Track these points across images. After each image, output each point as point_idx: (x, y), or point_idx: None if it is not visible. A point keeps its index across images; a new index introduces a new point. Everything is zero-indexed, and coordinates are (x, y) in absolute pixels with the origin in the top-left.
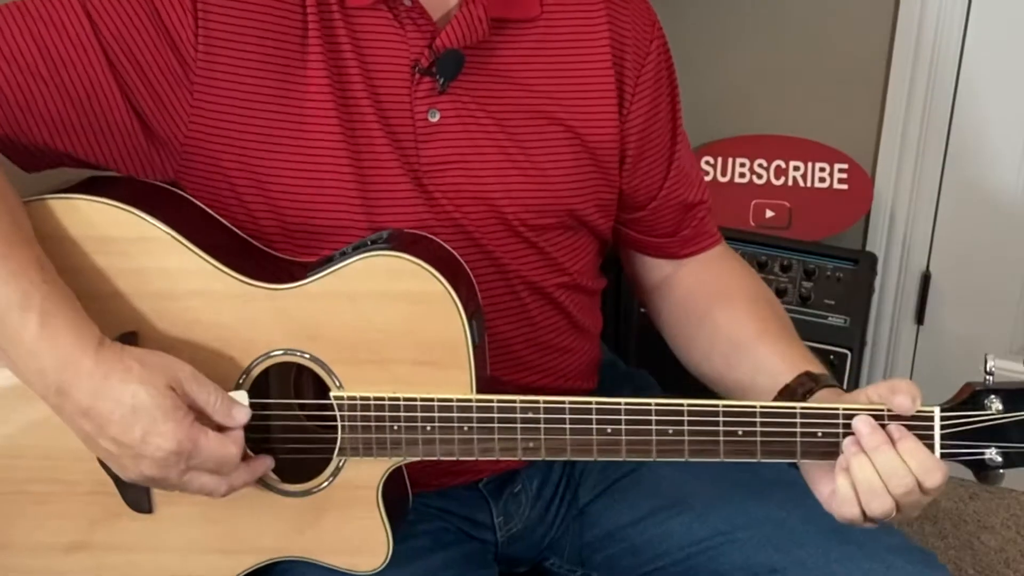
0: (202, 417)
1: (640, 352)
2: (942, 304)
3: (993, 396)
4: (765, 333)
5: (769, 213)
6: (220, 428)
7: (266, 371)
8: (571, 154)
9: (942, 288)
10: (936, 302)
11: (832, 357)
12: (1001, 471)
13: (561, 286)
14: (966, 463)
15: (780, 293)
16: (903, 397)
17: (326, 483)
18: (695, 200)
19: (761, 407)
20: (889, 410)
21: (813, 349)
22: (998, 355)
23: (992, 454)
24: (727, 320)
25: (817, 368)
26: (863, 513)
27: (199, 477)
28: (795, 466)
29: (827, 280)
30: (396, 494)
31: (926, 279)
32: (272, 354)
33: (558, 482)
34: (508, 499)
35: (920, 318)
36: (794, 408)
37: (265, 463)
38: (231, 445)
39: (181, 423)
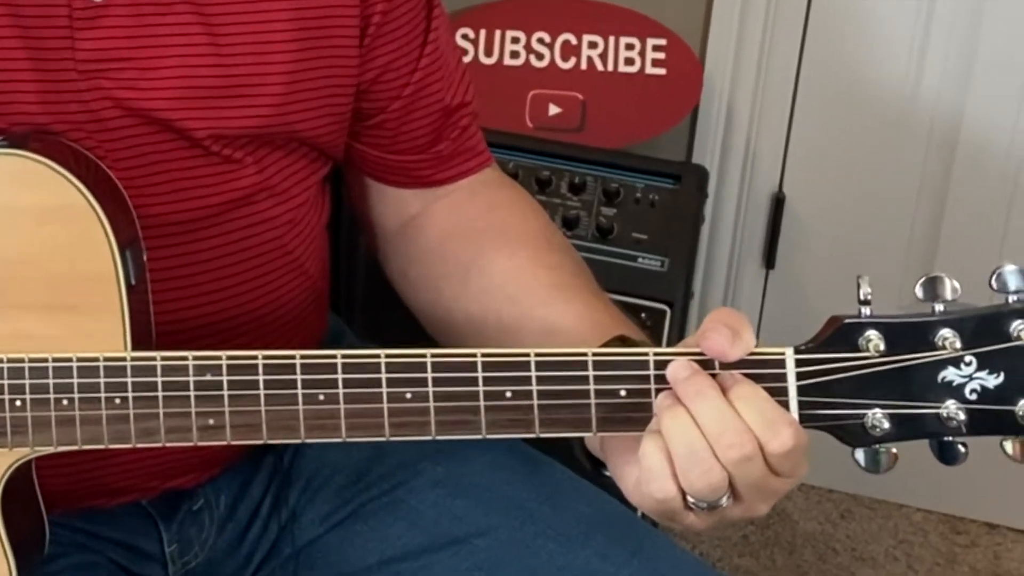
0: None
1: (369, 321)
2: (800, 239)
3: (871, 332)
4: (558, 286)
5: (554, 110)
6: None
7: None
8: (293, 40)
9: (800, 217)
10: (792, 236)
11: (644, 315)
12: (880, 447)
13: (273, 225)
14: (838, 430)
15: (569, 224)
16: (715, 334)
17: None
18: (457, 102)
19: (537, 354)
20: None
21: (619, 305)
22: (878, 302)
23: (876, 416)
24: (504, 270)
25: (633, 332)
26: (681, 493)
27: None
28: (602, 466)
29: (637, 206)
30: (22, 511)
31: (778, 204)
32: None
33: (260, 498)
34: (185, 519)
35: (770, 259)
36: (584, 355)
37: None
38: None
39: None
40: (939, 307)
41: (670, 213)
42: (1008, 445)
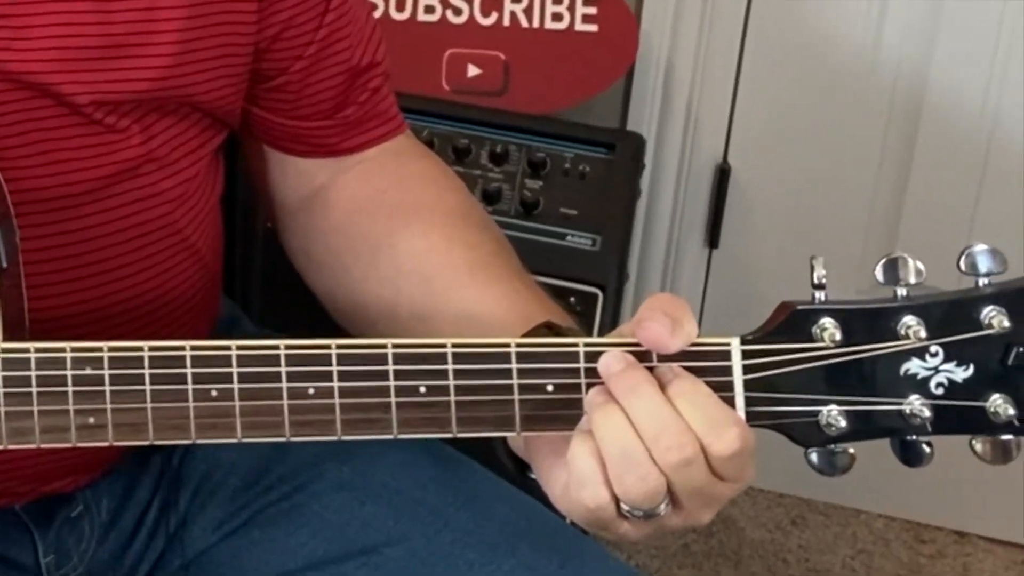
0: None
1: (267, 306)
2: (747, 216)
3: (826, 320)
4: (478, 268)
5: (473, 71)
6: None
7: None
8: None
9: (747, 190)
10: (738, 213)
11: (574, 300)
12: (836, 448)
13: (161, 200)
14: (790, 429)
15: (490, 198)
16: (652, 322)
17: None
18: (366, 62)
19: (455, 345)
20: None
21: (546, 288)
22: (834, 287)
23: (832, 413)
24: (418, 250)
25: (561, 318)
26: (615, 500)
27: None
28: (527, 468)
29: (566, 178)
30: None
31: (722, 176)
32: None
33: (147, 504)
34: (62, 527)
35: (713, 238)
36: (507, 345)
37: None
38: None
39: None
40: (901, 292)
41: (602, 186)
42: (978, 445)
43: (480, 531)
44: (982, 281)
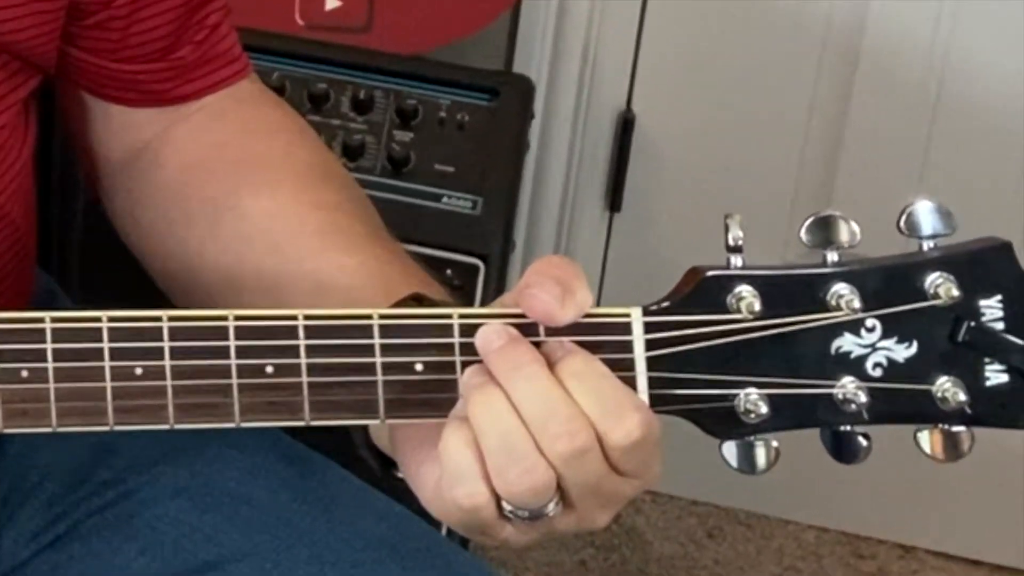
0: None
1: (89, 280)
2: (654, 172)
3: (744, 288)
4: (334, 232)
5: (332, 3)
6: None
7: None
8: None
9: (655, 143)
10: (643, 168)
11: (451, 272)
12: (757, 439)
13: None
14: (701, 417)
15: (352, 153)
16: (539, 290)
17: None
18: None
19: (308, 316)
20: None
21: (417, 258)
22: (754, 250)
23: (751, 398)
24: (265, 212)
25: (433, 291)
26: (495, 499)
27: None
28: (393, 465)
29: (441, 129)
30: None
31: (625, 127)
32: None
33: None
34: None
35: (615, 198)
36: (369, 317)
37: None
38: None
39: None
40: (832, 256)
41: (484, 139)
42: (924, 437)
43: (340, 545)
44: (927, 244)
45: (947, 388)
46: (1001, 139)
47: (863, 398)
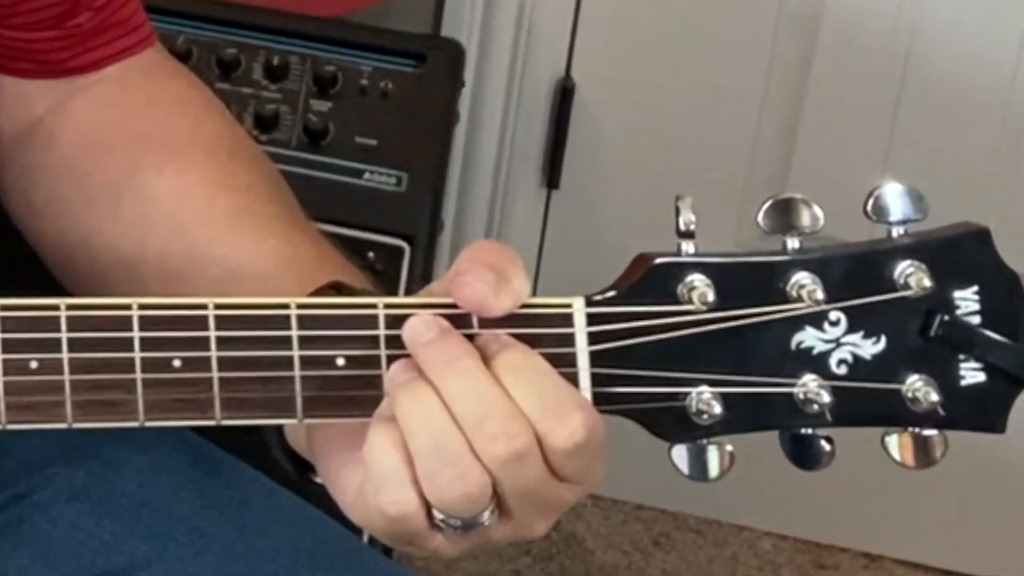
0: None
1: None
2: (596, 146)
3: (696, 277)
4: (245, 214)
5: None
6: None
7: None
8: None
9: (597, 114)
10: (585, 142)
11: (373, 256)
12: (710, 442)
13: None
14: (649, 417)
15: (264, 125)
16: (473, 278)
17: None
18: None
19: (218, 305)
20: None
21: (336, 240)
22: (707, 235)
23: (704, 397)
24: (169, 193)
25: (354, 278)
26: (425, 506)
27: None
28: (311, 469)
29: (362, 98)
30: None
31: (565, 96)
32: None
33: None
34: None
35: (553, 175)
36: (286, 307)
37: None
38: None
39: None
40: (793, 243)
41: (410, 109)
42: (893, 442)
43: (251, 553)
44: (896, 230)
45: (918, 388)
46: (976, 113)
47: (826, 398)
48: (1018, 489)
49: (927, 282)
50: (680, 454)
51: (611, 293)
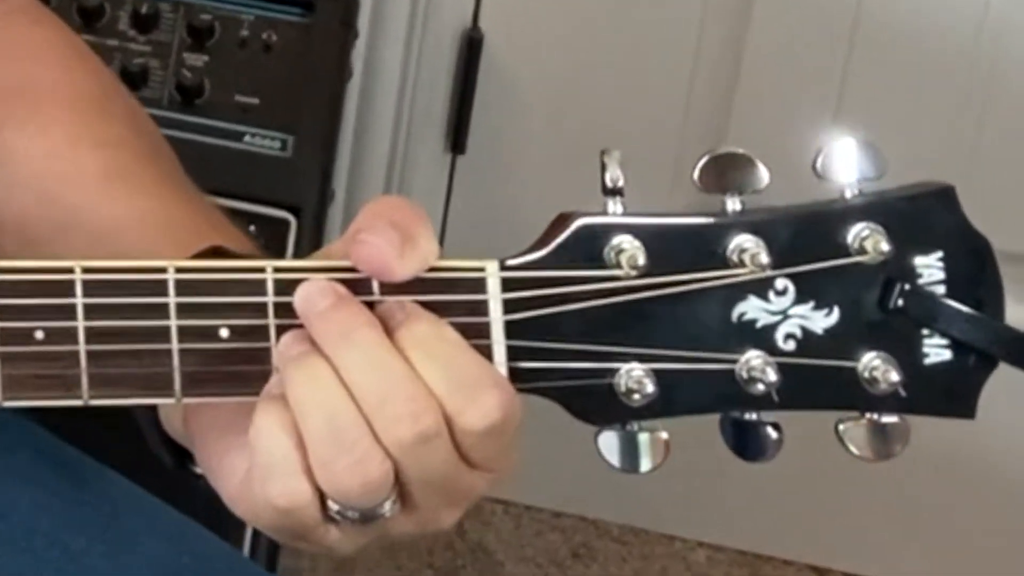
0: None
1: None
2: (507, 103)
3: (623, 239)
4: (116, 175)
5: None
6: None
7: None
8: None
9: (507, 67)
10: (494, 100)
11: (255, 228)
12: (641, 428)
13: None
14: (571, 397)
15: (134, 80)
16: (374, 236)
17: None
18: None
19: (85, 270)
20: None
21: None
22: (637, 194)
23: (634, 374)
24: (33, 153)
25: (236, 242)
26: (319, 496)
27: None
28: (190, 458)
29: (243, 51)
30: None
31: (472, 49)
32: None
33: None
34: None
35: (458, 138)
36: (163, 271)
37: None
38: None
39: None
40: (734, 203)
41: (297, 63)
42: (847, 429)
43: (122, 573)
44: (850, 190)
45: (876, 366)
46: (939, 60)
47: (772, 376)
48: (976, 495)
49: (885, 246)
50: (608, 442)
51: (529, 256)
